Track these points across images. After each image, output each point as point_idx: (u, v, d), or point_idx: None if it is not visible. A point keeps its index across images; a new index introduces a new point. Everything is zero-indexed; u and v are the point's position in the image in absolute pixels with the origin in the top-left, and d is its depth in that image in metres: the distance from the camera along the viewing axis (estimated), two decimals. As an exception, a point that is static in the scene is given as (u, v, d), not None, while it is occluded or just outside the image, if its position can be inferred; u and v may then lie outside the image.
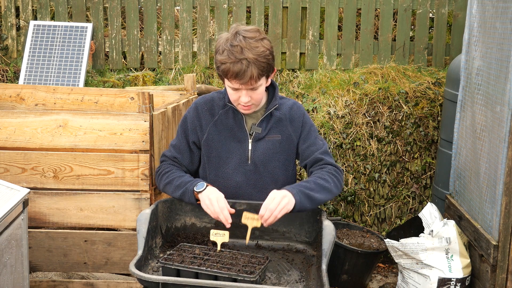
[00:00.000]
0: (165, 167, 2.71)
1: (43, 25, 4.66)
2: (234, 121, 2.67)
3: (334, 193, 2.58)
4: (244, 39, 2.48)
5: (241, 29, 2.53)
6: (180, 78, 4.77)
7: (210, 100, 2.73)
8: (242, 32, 2.51)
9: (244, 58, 2.46)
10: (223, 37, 2.54)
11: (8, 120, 3.05)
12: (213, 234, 2.44)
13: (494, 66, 3.10)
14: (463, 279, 3.24)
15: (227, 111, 2.68)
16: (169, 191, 2.65)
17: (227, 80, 2.54)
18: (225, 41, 2.51)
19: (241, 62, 2.46)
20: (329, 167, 2.64)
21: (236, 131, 2.67)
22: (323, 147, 2.70)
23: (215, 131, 2.68)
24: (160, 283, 2.10)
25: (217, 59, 2.53)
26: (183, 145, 2.72)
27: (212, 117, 2.68)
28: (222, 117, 2.68)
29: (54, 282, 3.22)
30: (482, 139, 3.22)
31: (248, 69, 2.47)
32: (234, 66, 2.46)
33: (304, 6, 4.87)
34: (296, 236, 2.64)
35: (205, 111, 2.70)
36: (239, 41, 2.48)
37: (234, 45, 2.48)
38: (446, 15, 4.88)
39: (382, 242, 3.97)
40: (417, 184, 4.50)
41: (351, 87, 4.57)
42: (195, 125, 2.69)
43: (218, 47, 2.54)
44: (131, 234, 3.16)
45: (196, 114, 2.70)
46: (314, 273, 2.41)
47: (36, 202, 3.10)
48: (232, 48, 2.47)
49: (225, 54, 2.48)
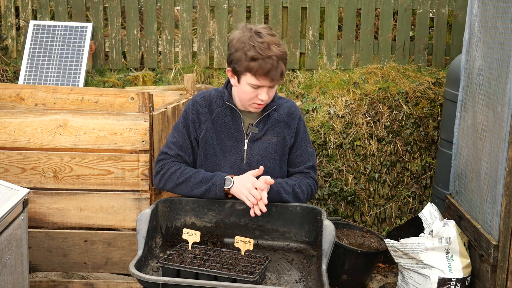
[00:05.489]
0: (171, 166, 2.64)
1: (43, 25, 4.66)
2: (231, 120, 2.65)
3: (302, 202, 2.70)
4: (269, 36, 2.47)
5: (259, 27, 2.51)
6: (180, 78, 4.77)
7: (209, 96, 2.69)
8: (261, 30, 2.49)
9: (274, 55, 2.44)
10: (244, 35, 2.49)
11: (8, 120, 3.05)
12: (185, 233, 2.42)
13: (495, 66, 3.10)
14: (463, 279, 3.24)
15: (225, 110, 2.66)
16: (185, 189, 2.60)
17: (252, 77, 2.49)
18: (248, 38, 2.47)
19: (271, 58, 2.44)
20: (311, 180, 2.75)
21: (233, 130, 2.65)
22: (311, 161, 2.76)
23: (212, 128, 2.65)
24: (160, 284, 2.09)
25: (243, 56, 2.47)
26: (186, 142, 2.67)
27: (210, 114, 2.66)
28: (220, 115, 2.66)
29: (54, 282, 3.22)
30: (483, 139, 3.22)
31: (278, 65, 2.46)
32: (266, 63, 2.44)
33: (304, 6, 4.87)
34: (296, 236, 2.64)
35: (204, 107, 2.67)
36: (265, 37, 2.45)
37: (262, 41, 2.44)
38: (446, 15, 4.88)
39: (382, 242, 3.97)
40: (417, 184, 4.50)
41: (351, 87, 4.57)
42: (194, 121, 2.66)
43: (241, 44, 2.48)
44: (131, 234, 3.15)
45: (195, 110, 2.67)
46: (314, 273, 2.41)
47: (36, 202, 3.09)
48: (261, 44, 2.44)
49: (255, 51, 2.44)
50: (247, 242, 2.40)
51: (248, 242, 2.40)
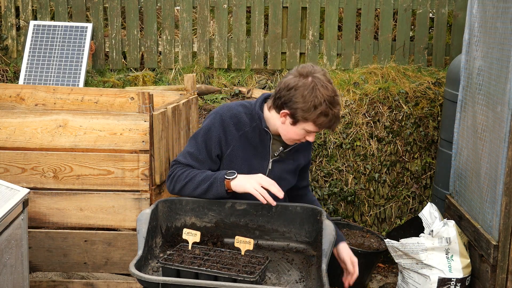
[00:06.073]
0: (179, 170, 2.66)
1: (43, 25, 4.66)
2: (259, 140, 2.69)
3: None
4: (330, 85, 2.53)
5: (318, 74, 2.53)
6: (180, 78, 4.77)
7: (237, 114, 2.69)
8: (322, 77, 2.53)
9: (338, 110, 2.53)
10: (306, 83, 2.51)
11: (8, 120, 3.05)
12: (185, 233, 2.43)
13: (495, 66, 3.10)
14: (463, 279, 3.24)
15: (254, 129, 2.68)
16: (189, 188, 2.60)
17: (313, 126, 2.55)
18: (315, 89, 2.50)
19: (335, 115, 2.53)
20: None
21: (260, 149, 2.69)
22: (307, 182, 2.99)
23: (240, 146, 2.66)
24: (160, 284, 2.09)
25: (312, 108, 2.50)
26: (202, 155, 2.66)
27: (237, 132, 2.67)
28: (249, 134, 2.68)
29: (54, 282, 3.22)
30: (483, 139, 3.22)
31: (338, 120, 2.57)
32: (334, 117, 2.53)
33: (304, 6, 4.87)
34: (296, 236, 2.64)
35: (231, 125, 2.66)
36: (330, 88, 2.51)
37: (329, 95, 2.50)
38: (446, 15, 4.88)
39: (382, 242, 3.97)
40: (417, 184, 4.50)
41: (351, 87, 4.57)
42: (220, 138, 2.65)
43: (309, 94, 2.50)
44: (131, 234, 3.15)
45: (222, 128, 2.65)
46: (314, 273, 2.41)
47: (36, 202, 3.09)
48: (330, 98, 2.50)
49: (326, 106, 2.49)
50: (247, 242, 2.40)
51: (248, 242, 2.40)
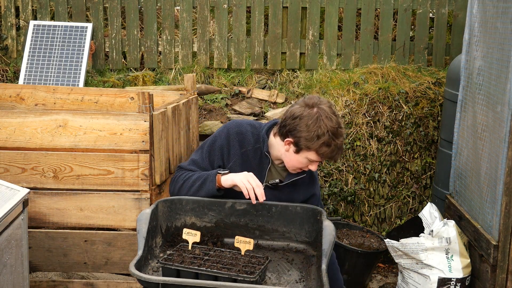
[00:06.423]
0: (181, 173, 2.75)
1: (43, 25, 4.66)
2: (258, 163, 2.74)
3: None
4: (335, 117, 2.57)
5: (324, 105, 2.58)
6: (180, 78, 4.77)
7: (244, 132, 2.76)
8: (327, 109, 2.57)
9: (341, 142, 2.57)
10: (311, 114, 2.55)
11: (8, 120, 3.05)
12: (185, 233, 2.44)
13: (495, 66, 3.10)
14: (463, 279, 3.24)
15: (256, 151, 2.74)
16: (185, 187, 2.68)
17: (316, 155, 2.58)
18: (319, 120, 2.54)
19: (338, 146, 2.57)
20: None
21: (257, 172, 2.71)
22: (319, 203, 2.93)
23: (239, 163, 2.73)
24: (160, 284, 2.10)
25: (315, 138, 2.54)
26: (204, 163, 2.76)
27: (240, 149, 2.74)
28: (250, 154, 2.73)
29: (54, 282, 3.22)
30: (483, 139, 3.22)
31: (340, 151, 2.61)
32: (337, 148, 2.57)
33: (304, 6, 4.87)
34: (296, 236, 2.64)
35: (236, 141, 2.74)
36: (334, 120, 2.55)
37: (333, 126, 2.54)
38: (446, 15, 4.88)
39: (382, 242, 3.97)
40: (417, 184, 4.50)
41: (351, 87, 4.57)
42: (223, 150, 2.75)
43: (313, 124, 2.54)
44: (131, 234, 3.15)
45: (227, 141, 2.75)
46: (314, 273, 2.41)
47: (36, 202, 3.09)
48: (334, 129, 2.54)
49: (329, 137, 2.54)
50: (247, 242, 2.41)
51: (248, 242, 2.40)
